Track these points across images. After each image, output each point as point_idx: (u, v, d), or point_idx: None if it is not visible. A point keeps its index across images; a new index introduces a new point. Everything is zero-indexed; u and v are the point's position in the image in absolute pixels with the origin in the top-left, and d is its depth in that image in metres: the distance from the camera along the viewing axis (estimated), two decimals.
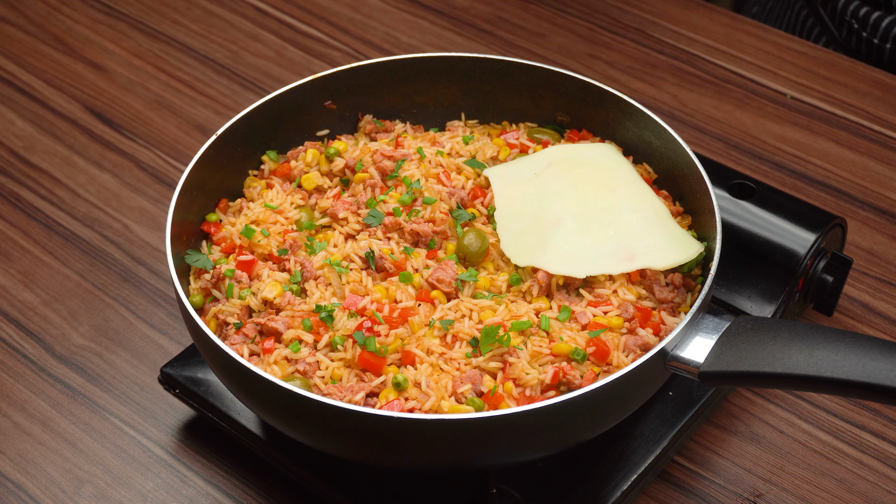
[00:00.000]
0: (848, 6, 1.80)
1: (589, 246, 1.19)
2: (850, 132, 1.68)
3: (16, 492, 1.25)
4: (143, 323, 1.42)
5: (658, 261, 1.17)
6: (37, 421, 1.32)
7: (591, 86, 1.33)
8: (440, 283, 1.17)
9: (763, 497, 1.24)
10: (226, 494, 1.25)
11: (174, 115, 1.72)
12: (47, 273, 1.48)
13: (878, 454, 1.28)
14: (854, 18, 1.79)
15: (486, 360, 1.11)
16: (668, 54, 1.81)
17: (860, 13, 1.78)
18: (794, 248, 1.31)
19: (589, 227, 1.20)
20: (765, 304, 1.30)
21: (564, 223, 1.21)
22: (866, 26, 1.79)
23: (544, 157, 1.29)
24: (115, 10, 1.91)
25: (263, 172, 1.33)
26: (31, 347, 1.40)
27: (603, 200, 1.22)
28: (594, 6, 1.91)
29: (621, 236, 1.19)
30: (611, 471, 1.19)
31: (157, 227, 1.54)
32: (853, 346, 0.99)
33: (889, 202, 1.57)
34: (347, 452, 1.12)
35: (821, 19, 1.88)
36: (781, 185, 1.59)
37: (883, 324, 1.42)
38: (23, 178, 1.62)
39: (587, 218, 1.21)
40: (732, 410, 1.32)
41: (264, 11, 1.91)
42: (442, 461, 1.09)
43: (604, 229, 1.20)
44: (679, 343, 1.07)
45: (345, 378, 1.11)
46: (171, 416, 1.32)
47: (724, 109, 1.72)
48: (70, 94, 1.75)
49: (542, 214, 1.22)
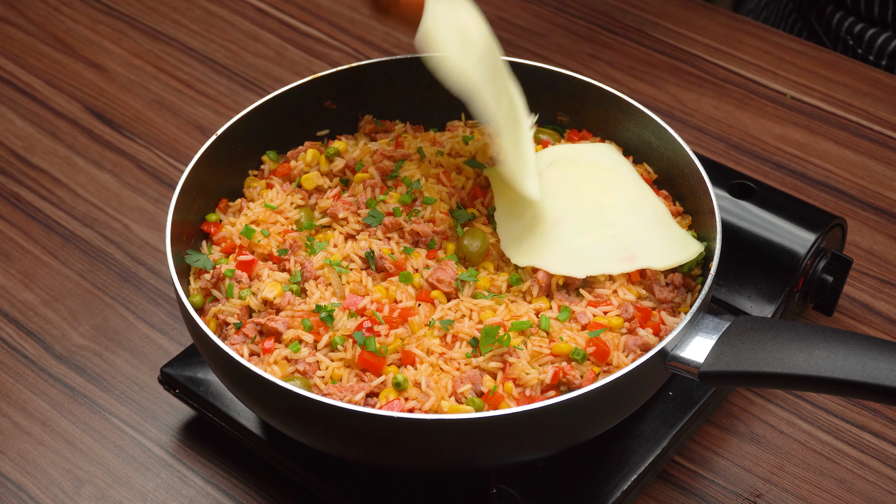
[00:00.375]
0: (843, 23, 1.80)
1: (589, 246, 1.19)
2: (850, 132, 1.68)
3: (16, 492, 1.25)
4: (143, 323, 1.42)
5: (658, 261, 1.17)
6: (37, 421, 1.32)
7: (591, 86, 1.33)
8: (440, 283, 1.17)
9: (763, 497, 1.24)
10: (226, 494, 1.25)
11: (174, 115, 1.72)
12: (47, 273, 1.48)
13: (878, 454, 1.28)
14: (849, 35, 1.79)
15: (486, 360, 1.11)
16: (668, 54, 1.81)
17: (855, 30, 1.78)
18: (794, 248, 1.31)
19: (589, 227, 1.20)
20: (765, 304, 1.30)
21: (564, 223, 1.21)
22: (861, 43, 1.79)
23: (544, 157, 1.29)
24: (115, 10, 1.91)
25: (263, 172, 1.33)
26: (31, 347, 1.40)
27: (603, 200, 1.22)
28: (594, 6, 1.91)
29: (621, 236, 1.19)
30: (611, 471, 1.19)
31: (157, 227, 1.54)
32: (853, 346, 0.99)
33: (889, 202, 1.57)
34: (347, 452, 1.12)
35: (815, 33, 1.88)
36: (781, 185, 1.59)
37: (883, 324, 1.42)
38: (23, 178, 1.62)
39: (587, 218, 1.21)
40: (732, 410, 1.32)
41: (264, 11, 1.91)
42: (442, 461, 1.09)
43: (604, 229, 1.20)
44: (679, 343, 1.07)
45: (345, 378, 1.11)
46: (171, 416, 1.32)
47: (724, 109, 1.72)
48: (70, 94, 1.75)
49: (542, 214, 1.22)
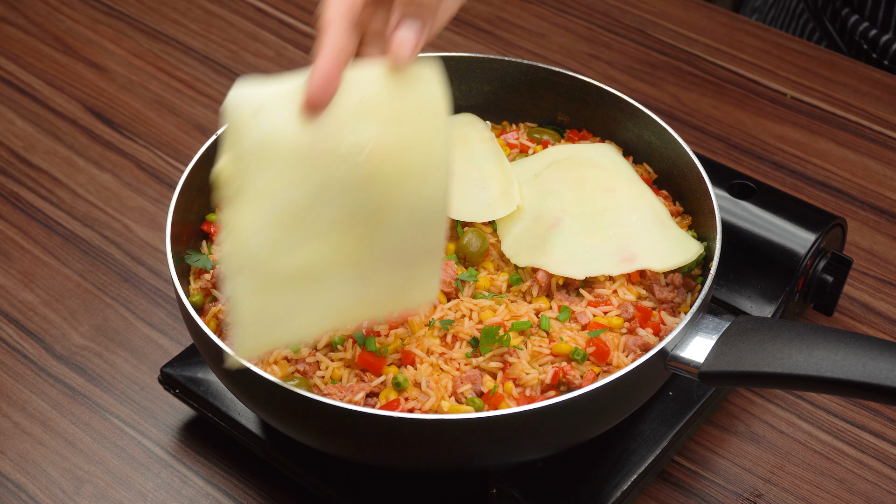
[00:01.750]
0: (857, 26, 1.79)
1: (588, 246, 1.19)
2: (850, 132, 1.68)
3: (16, 492, 1.25)
4: (143, 323, 1.42)
5: (657, 263, 1.17)
6: (37, 421, 1.32)
7: (591, 86, 1.33)
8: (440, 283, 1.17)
9: (763, 497, 1.24)
10: (226, 494, 1.25)
11: (174, 115, 1.72)
12: (47, 273, 1.48)
13: (878, 454, 1.28)
14: (863, 39, 1.78)
15: (486, 360, 1.11)
16: (668, 54, 1.81)
17: (869, 34, 1.77)
18: (794, 248, 1.31)
19: (589, 227, 1.20)
20: (765, 304, 1.30)
21: (564, 223, 1.21)
22: (875, 48, 1.78)
23: (544, 158, 1.30)
24: (115, 10, 1.91)
25: None
26: (31, 347, 1.40)
27: (603, 201, 1.22)
28: (594, 6, 1.91)
29: (621, 237, 1.19)
30: (611, 471, 1.19)
31: (157, 227, 1.54)
32: (853, 346, 0.99)
33: (889, 202, 1.57)
34: (347, 452, 1.12)
35: (828, 34, 1.87)
36: (781, 185, 1.59)
37: (883, 324, 1.42)
38: (23, 178, 1.62)
39: (587, 218, 1.21)
40: (732, 410, 1.32)
41: (264, 11, 1.91)
42: (442, 461, 1.09)
43: (604, 230, 1.20)
44: (679, 343, 1.07)
45: (345, 378, 1.11)
46: (171, 416, 1.32)
47: (724, 109, 1.72)
48: (70, 94, 1.75)
49: (542, 215, 1.22)
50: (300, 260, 0.96)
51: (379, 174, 0.94)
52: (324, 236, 0.96)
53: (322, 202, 0.95)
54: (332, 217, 0.95)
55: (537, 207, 1.23)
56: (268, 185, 0.93)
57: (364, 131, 0.93)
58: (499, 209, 1.23)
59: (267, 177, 0.93)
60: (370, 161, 0.94)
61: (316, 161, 0.93)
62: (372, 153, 0.93)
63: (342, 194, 0.95)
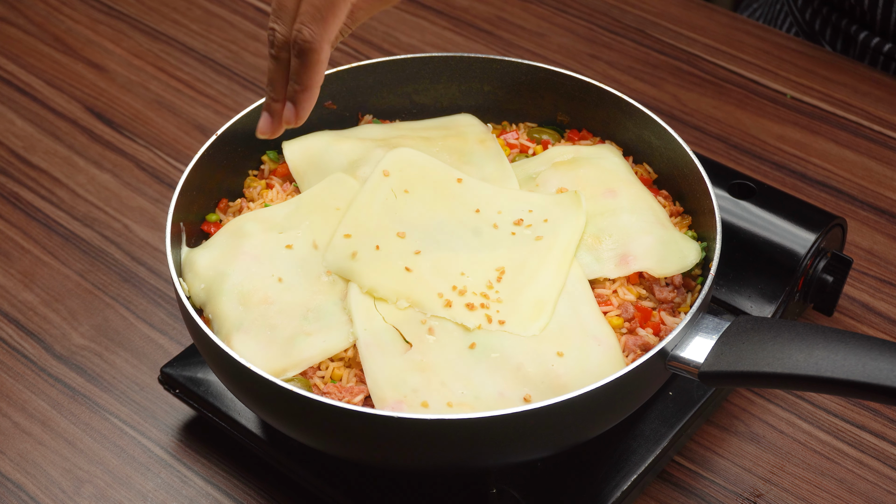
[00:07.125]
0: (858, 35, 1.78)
1: (588, 247, 1.19)
2: (850, 132, 1.68)
3: (16, 492, 1.25)
4: (143, 323, 1.42)
5: (655, 268, 1.17)
6: (37, 421, 1.32)
7: (591, 86, 1.33)
8: None
9: (763, 497, 1.24)
10: (226, 494, 1.25)
11: (174, 115, 1.72)
12: (47, 273, 1.48)
13: (878, 454, 1.28)
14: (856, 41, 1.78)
15: None
16: (668, 54, 1.81)
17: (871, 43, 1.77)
18: (794, 248, 1.31)
19: (588, 228, 1.20)
20: (765, 304, 1.30)
21: None
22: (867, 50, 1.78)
23: (544, 158, 1.29)
24: (115, 10, 1.91)
25: (263, 172, 1.33)
26: (31, 347, 1.40)
27: (602, 202, 1.22)
28: (594, 6, 1.91)
29: (620, 238, 1.19)
30: (611, 471, 1.19)
31: (157, 227, 1.54)
32: (853, 346, 0.99)
33: (889, 202, 1.57)
34: (347, 452, 1.12)
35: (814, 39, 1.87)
36: (781, 185, 1.59)
37: (883, 324, 1.42)
38: (23, 178, 1.62)
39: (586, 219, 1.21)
40: (732, 410, 1.32)
41: (264, 11, 1.91)
42: (442, 461, 1.09)
43: (603, 231, 1.20)
44: (679, 343, 1.07)
45: (345, 378, 1.11)
46: (171, 416, 1.32)
47: (724, 109, 1.72)
48: (70, 94, 1.75)
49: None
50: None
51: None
52: None
53: None
54: None
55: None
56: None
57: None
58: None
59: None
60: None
61: None
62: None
63: None
